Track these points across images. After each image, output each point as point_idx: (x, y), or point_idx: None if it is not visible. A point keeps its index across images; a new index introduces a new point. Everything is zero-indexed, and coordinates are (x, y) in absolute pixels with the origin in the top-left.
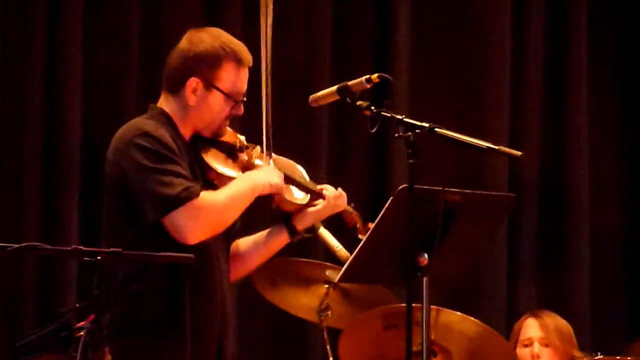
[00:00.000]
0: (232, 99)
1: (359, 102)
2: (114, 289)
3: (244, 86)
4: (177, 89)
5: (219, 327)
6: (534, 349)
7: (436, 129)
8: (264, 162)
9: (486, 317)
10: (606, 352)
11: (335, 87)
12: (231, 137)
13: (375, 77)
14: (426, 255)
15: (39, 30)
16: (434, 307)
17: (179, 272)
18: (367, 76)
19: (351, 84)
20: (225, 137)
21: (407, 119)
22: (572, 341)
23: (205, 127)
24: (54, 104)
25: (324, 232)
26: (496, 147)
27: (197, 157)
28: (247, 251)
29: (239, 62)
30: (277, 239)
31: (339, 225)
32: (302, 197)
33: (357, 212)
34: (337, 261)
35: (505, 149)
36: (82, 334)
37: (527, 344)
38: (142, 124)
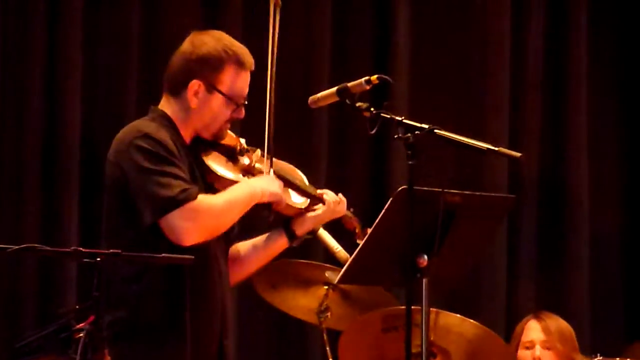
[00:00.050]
0: (233, 102)
1: (358, 104)
2: (113, 290)
3: (246, 89)
4: (179, 91)
5: (219, 328)
6: (536, 352)
7: (436, 130)
8: (265, 169)
9: (486, 317)
10: (605, 354)
11: (334, 89)
12: (232, 140)
13: (374, 78)
14: (426, 256)
15: (39, 30)
16: (433, 310)
17: (178, 273)
18: (367, 77)
19: (351, 85)
20: (226, 140)
21: (407, 120)
22: (574, 344)
23: (206, 130)
24: (54, 104)
25: (323, 234)
26: (496, 148)
27: (197, 160)
28: (247, 255)
29: (241, 65)
30: (276, 243)
31: (338, 227)
32: (301, 202)
33: (356, 218)
34: (336, 262)
35: (504, 150)
36: (82, 335)
37: (529, 346)
38: (143, 126)
